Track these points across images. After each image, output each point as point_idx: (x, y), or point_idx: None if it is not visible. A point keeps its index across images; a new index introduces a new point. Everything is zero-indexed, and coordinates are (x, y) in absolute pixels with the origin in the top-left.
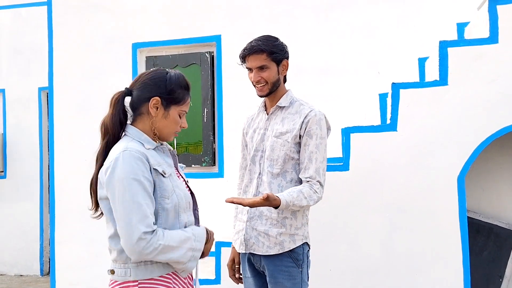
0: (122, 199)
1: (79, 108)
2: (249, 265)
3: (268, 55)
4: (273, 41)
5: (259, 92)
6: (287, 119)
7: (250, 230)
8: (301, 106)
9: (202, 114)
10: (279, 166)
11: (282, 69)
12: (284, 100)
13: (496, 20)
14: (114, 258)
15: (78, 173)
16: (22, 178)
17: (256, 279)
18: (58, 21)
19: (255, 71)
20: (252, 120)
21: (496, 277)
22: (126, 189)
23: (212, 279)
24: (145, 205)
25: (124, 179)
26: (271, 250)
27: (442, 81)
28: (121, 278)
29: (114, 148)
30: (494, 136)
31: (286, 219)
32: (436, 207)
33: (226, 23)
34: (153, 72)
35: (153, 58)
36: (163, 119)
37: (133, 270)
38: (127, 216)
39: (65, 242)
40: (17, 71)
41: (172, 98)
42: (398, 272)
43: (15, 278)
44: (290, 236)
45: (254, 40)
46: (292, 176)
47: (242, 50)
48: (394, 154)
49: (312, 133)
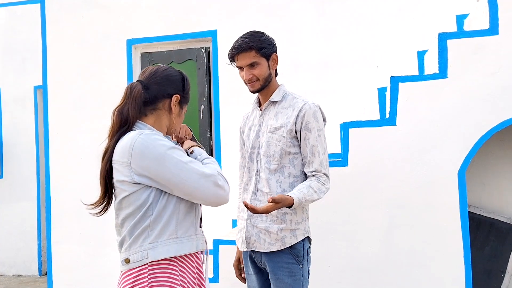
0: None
1: (74, 106)
2: (251, 263)
3: (257, 51)
4: (259, 37)
5: (251, 88)
6: (281, 113)
7: (250, 228)
8: (294, 100)
9: (199, 110)
10: (276, 161)
11: (272, 63)
12: (277, 94)
13: (496, 11)
14: (128, 245)
15: (74, 171)
16: (19, 177)
17: (258, 276)
18: (51, 19)
19: (246, 69)
20: (247, 118)
21: (498, 272)
22: (172, 158)
23: (211, 277)
24: (193, 160)
25: (163, 153)
26: (273, 246)
27: (441, 74)
28: (137, 263)
29: (125, 139)
30: (494, 129)
31: (286, 214)
32: (436, 202)
33: (222, 17)
34: (169, 69)
35: (148, 54)
36: (177, 117)
37: (150, 251)
38: (192, 175)
39: (62, 242)
40: (12, 70)
41: (186, 98)
42: (399, 268)
43: (13, 279)
44: (291, 231)
45: (240, 38)
46: (290, 171)
47: (230, 49)
48: (394, 149)
49: (310, 127)
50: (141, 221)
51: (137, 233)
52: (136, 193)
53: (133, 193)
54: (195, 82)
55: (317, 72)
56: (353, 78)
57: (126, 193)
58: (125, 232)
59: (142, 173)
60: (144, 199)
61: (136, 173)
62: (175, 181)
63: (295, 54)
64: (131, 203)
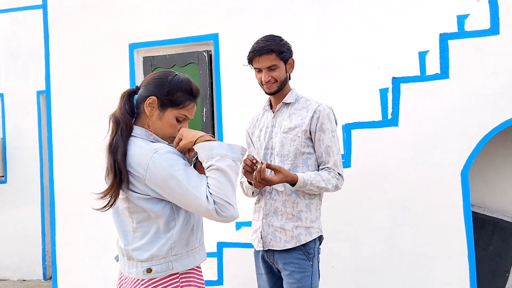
0: (180, 187)
1: (77, 110)
2: (263, 262)
3: (277, 55)
4: (279, 41)
5: (268, 90)
6: (294, 114)
7: (266, 227)
8: (307, 102)
9: (201, 113)
10: (290, 161)
11: (288, 67)
12: (290, 96)
13: (497, 11)
14: (149, 256)
15: (78, 175)
16: (23, 182)
17: (269, 276)
18: (53, 23)
19: (265, 71)
20: (257, 120)
21: (502, 272)
22: (180, 176)
23: (215, 280)
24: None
25: (172, 172)
26: (288, 244)
27: (443, 74)
28: (160, 274)
29: (137, 153)
30: (497, 129)
31: (301, 212)
32: (439, 202)
33: (223, 21)
34: (161, 72)
35: (150, 58)
36: (158, 120)
37: (175, 262)
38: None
39: (66, 246)
40: (15, 75)
41: (169, 100)
42: (403, 269)
43: (18, 283)
44: (306, 229)
45: (261, 40)
46: (303, 170)
47: (250, 51)
48: (396, 150)
49: (325, 128)
50: (164, 231)
51: (161, 244)
52: (151, 202)
53: (147, 202)
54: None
55: (319, 74)
56: (355, 79)
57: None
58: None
59: (154, 190)
60: (159, 209)
61: (150, 189)
62: (179, 202)
63: (296, 56)
64: (146, 210)
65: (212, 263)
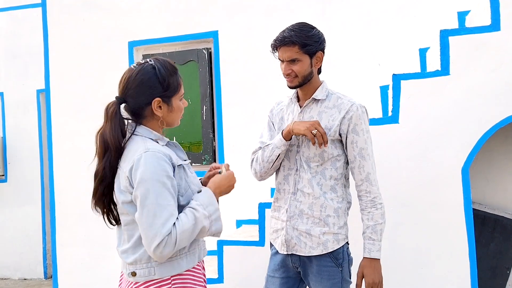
0: (144, 201)
1: (77, 109)
2: (282, 266)
3: (300, 48)
4: (307, 32)
5: (289, 84)
6: (325, 113)
7: (290, 230)
8: (339, 100)
9: (201, 111)
10: (317, 163)
11: (315, 61)
12: (320, 92)
13: (498, 7)
14: (133, 260)
15: (78, 174)
16: (23, 181)
17: (284, 281)
18: (53, 22)
19: (286, 63)
20: (280, 109)
21: (504, 269)
22: (150, 191)
23: (215, 278)
24: (168, 207)
25: (147, 181)
26: (314, 250)
27: (443, 71)
28: (143, 278)
29: (133, 149)
30: (498, 126)
31: (329, 217)
32: (440, 199)
33: (223, 18)
34: (140, 72)
35: (150, 56)
36: (170, 113)
37: (157, 268)
38: (150, 218)
39: (67, 245)
40: (14, 74)
41: (170, 92)
42: (403, 266)
43: (19, 282)
44: (333, 235)
45: (287, 29)
46: (331, 173)
47: (273, 39)
48: (396, 147)
49: (358, 129)
50: None
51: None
52: (134, 207)
53: (130, 205)
54: (197, 83)
55: None
56: (355, 76)
57: (127, 199)
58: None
59: (132, 186)
60: None
61: (130, 185)
62: (139, 212)
63: None
64: (129, 214)
65: (213, 261)
